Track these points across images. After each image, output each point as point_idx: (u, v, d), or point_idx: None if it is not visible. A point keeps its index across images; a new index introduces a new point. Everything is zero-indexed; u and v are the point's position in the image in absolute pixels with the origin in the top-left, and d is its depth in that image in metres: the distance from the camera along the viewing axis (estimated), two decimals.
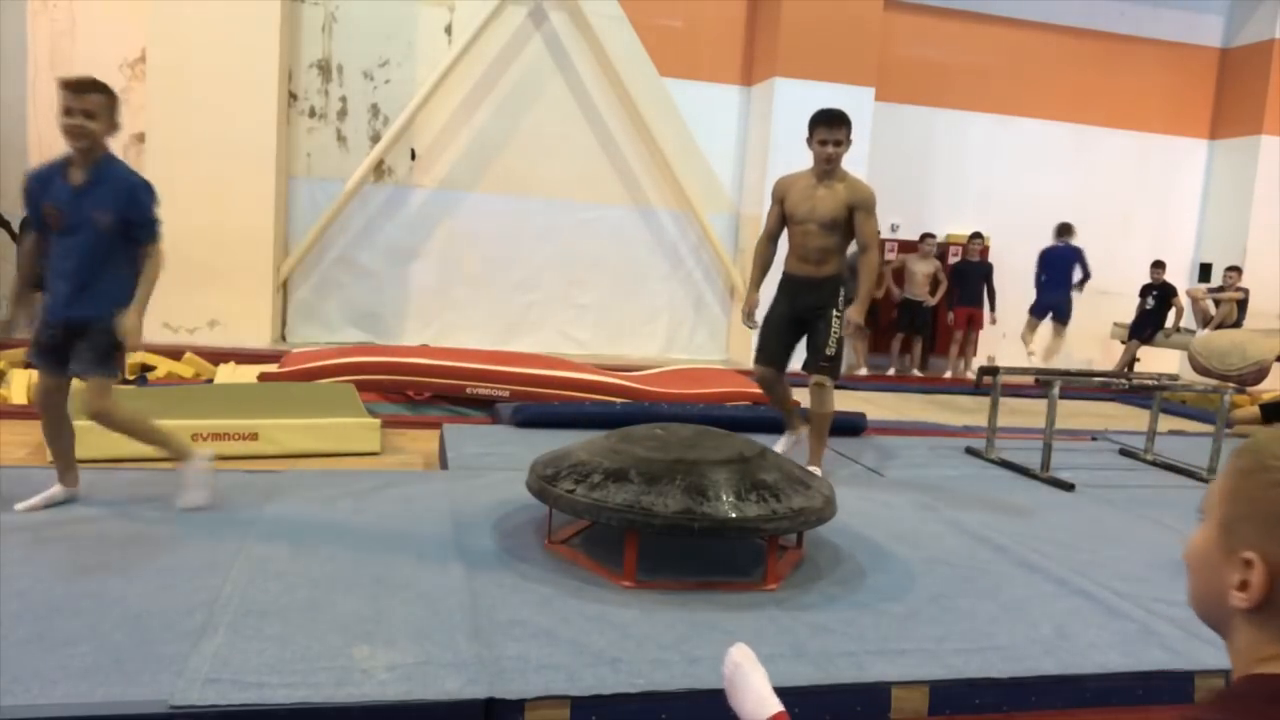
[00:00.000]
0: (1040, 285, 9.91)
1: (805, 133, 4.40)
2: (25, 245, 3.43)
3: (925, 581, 3.14)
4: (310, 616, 2.53)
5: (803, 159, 4.52)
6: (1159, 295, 9.96)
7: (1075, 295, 9.83)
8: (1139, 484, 4.94)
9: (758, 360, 4.65)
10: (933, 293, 9.86)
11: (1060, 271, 9.78)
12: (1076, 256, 9.76)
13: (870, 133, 9.53)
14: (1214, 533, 0.94)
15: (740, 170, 9.94)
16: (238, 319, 8.42)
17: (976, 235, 10.04)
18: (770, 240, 4.63)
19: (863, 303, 4.41)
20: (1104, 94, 10.94)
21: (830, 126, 4.29)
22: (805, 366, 4.48)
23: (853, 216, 4.33)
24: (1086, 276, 9.78)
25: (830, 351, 4.41)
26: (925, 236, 9.99)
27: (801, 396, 4.78)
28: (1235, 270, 10.05)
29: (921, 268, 9.84)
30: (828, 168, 4.33)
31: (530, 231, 9.52)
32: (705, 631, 2.60)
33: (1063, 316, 9.85)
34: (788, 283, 4.56)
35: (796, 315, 4.51)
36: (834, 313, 4.42)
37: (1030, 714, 2.44)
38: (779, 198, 4.50)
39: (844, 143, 4.33)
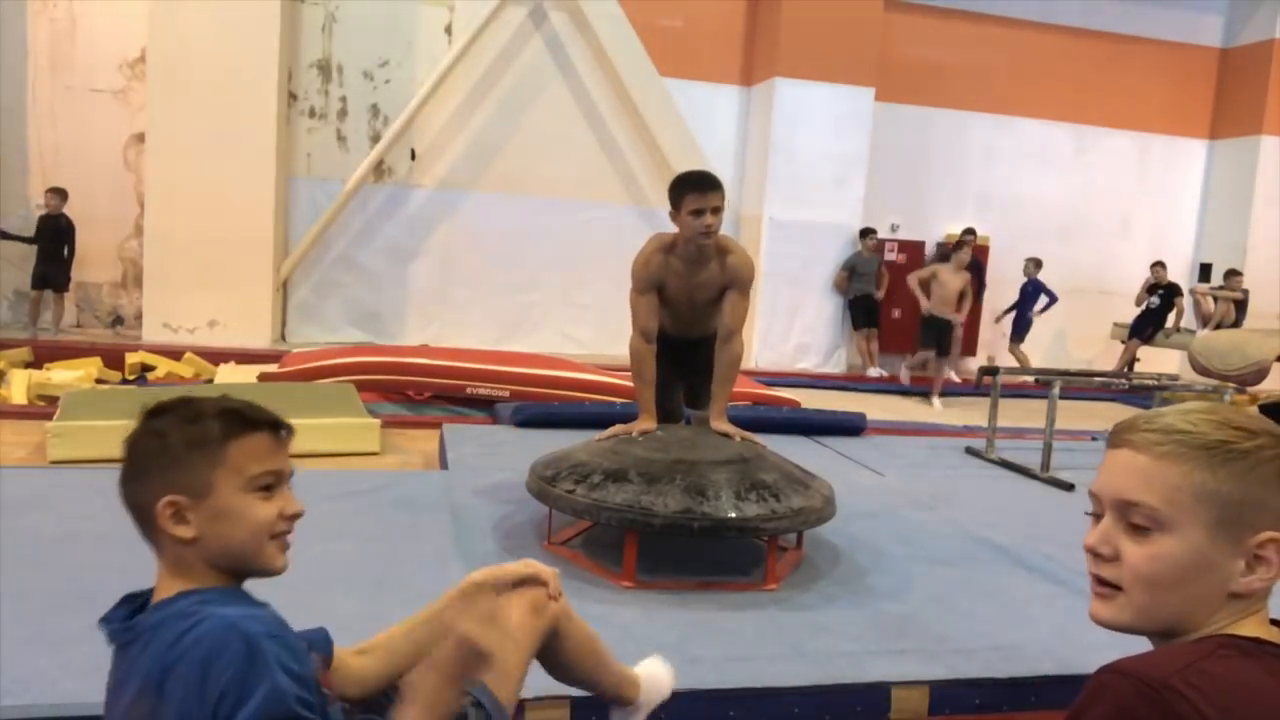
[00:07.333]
0: (1020, 311, 10.04)
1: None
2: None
3: (925, 581, 3.14)
4: (310, 616, 2.53)
5: (802, 157, 4.42)
6: (1164, 295, 9.94)
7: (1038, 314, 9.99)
8: None
9: None
10: (959, 309, 8.51)
11: (1032, 300, 9.95)
12: (1041, 288, 9.88)
13: (870, 133, 9.53)
14: (1203, 535, 0.91)
15: (740, 170, 9.92)
16: (238, 319, 8.42)
17: (969, 232, 10.01)
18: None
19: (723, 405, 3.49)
20: (1104, 94, 10.93)
21: (703, 192, 3.46)
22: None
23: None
24: (1053, 300, 9.85)
25: None
26: (964, 239, 8.88)
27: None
28: (1236, 274, 10.05)
29: (954, 282, 8.41)
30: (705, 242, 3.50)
31: (530, 231, 9.52)
32: (705, 631, 2.60)
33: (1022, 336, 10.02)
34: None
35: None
36: None
37: (1030, 714, 2.44)
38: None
39: (720, 209, 3.52)
